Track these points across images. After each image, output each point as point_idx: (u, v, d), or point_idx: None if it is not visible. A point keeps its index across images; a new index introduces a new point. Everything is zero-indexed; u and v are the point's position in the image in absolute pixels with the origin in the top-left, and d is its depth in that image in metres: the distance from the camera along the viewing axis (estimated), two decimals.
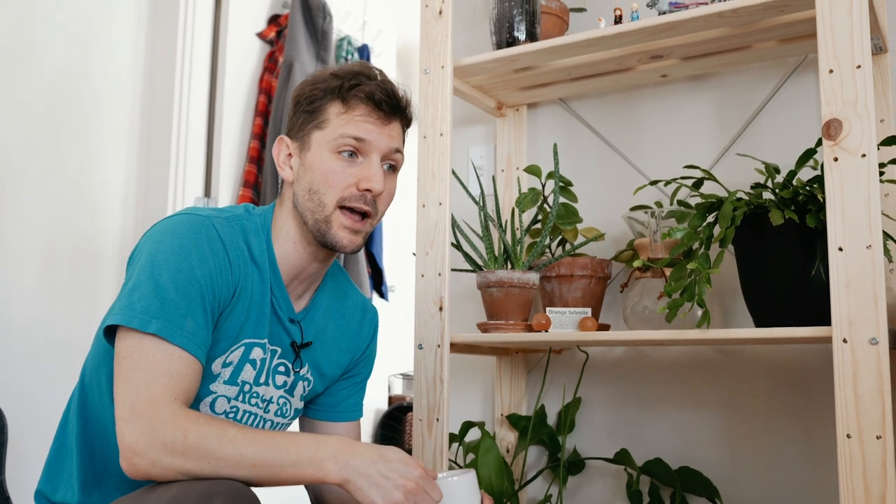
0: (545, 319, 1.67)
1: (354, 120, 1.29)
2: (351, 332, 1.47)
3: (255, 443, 1.10)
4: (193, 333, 1.15)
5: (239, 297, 1.25)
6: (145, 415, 1.09)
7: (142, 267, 1.18)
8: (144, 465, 1.08)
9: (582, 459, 1.89)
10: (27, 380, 2.30)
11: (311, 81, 1.34)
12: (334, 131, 1.28)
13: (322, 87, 1.31)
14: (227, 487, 1.05)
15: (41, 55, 2.42)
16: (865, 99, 1.31)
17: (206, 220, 1.24)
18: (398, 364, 3.87)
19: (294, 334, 1.35)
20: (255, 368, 1.29)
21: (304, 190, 1.30)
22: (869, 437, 1.25)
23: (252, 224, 1.31)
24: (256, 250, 1.29)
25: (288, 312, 1.33)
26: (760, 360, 1.77)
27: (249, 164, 2.95)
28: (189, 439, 1.07)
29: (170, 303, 1.14)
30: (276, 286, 1.31)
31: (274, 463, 1.09)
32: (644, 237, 1.70)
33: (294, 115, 1.34)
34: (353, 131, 1.28)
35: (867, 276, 1.28)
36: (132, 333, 1.14)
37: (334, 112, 1.29)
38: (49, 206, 2.43)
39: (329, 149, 1.28)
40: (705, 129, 1.87)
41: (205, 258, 1.20)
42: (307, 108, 1.31)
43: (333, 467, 1.09)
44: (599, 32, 1.64)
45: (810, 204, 1.41)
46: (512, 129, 2.07)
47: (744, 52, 1.74)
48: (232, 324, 1.25)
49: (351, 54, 3.32)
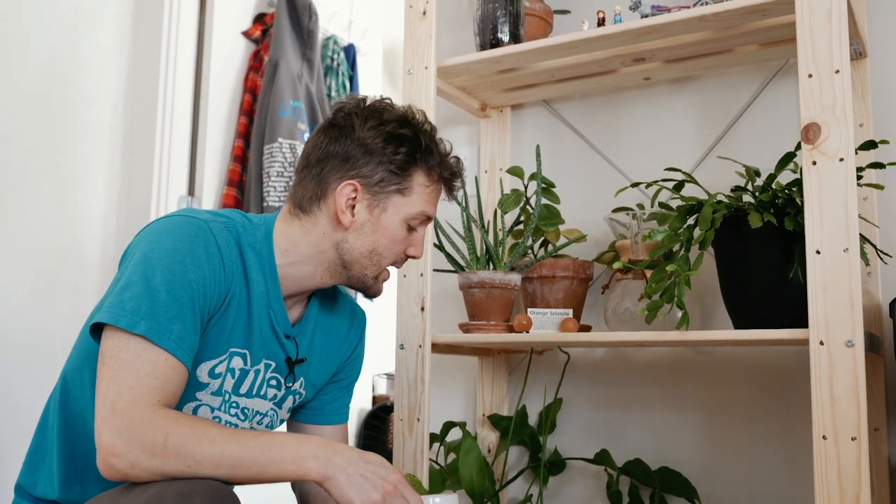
0: (527, 320, 1.68)
1: (431, 196, 1.32)
2: (339, 339, 1.47)
3: (236, 443, 1.09)
4: (181, 338, 1.14)
5: (229, 304, 1.24)
6: (125, 416, 1.08)
7: (135, 266, 1.16)
8: (123, 466, 1.07)
9: (563, 460, 1.90)
10: (8, 377, 2.29)
11: (394, 133, 1.29)
12: (415, 206, 1.30)
13: (409, 151, 1.29)
14: (205, 487, 1.05)
15: (24, 54, 2.41)
16: (844, 103, 1.33)
17: (203, 223, 1.22)
18: (382, 364, 3.87)
19: (289, 350, 1.35)
20: (234, 378, 1.29)
21: (365, 247, 1.30)
22: (844, 439, 1.26)
23: (250, 234, 1.29)
24: (253, 262, 1.28)
25: (285, 328, 1.32)
26: (739, 361, 1.78)
27: (234, 163, 2.94)
28: (170, 441, 1.07)
29: (160, 305, 1.13)
30: (276, 301, 1.30)
31: (255, 462, 1.09)
32: (626, 239, 1.71)
33: (374, 163, 1.28)
34: (430, 210, 1.33)
35: (844, 279, 1.29)
36: (119, 333, 1.12)
37: (419, 182, 1.30)
38: (31, 205, 2.41)
39: (404, 217, 1.30)
40: (687, 132, 1.88)
41: (199, 262, 1.18)
42: (393, 168, 1.28)
43: (314, 465, 1.10)
44: (583, 35, 1.65)
45: (789, 207, 1.42)
46: (495, 130, 2.07)
47: (726, 56, 1.75)
48: (220, 330, 1.24)
49: (337, 53, 3.32)
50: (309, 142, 1.35)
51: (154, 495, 1.03)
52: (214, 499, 1.04)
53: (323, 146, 1.31)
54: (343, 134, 1.30)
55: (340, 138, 1.30)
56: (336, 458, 1.11)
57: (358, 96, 1.36)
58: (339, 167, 1.29)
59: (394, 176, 1.28)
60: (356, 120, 1.30)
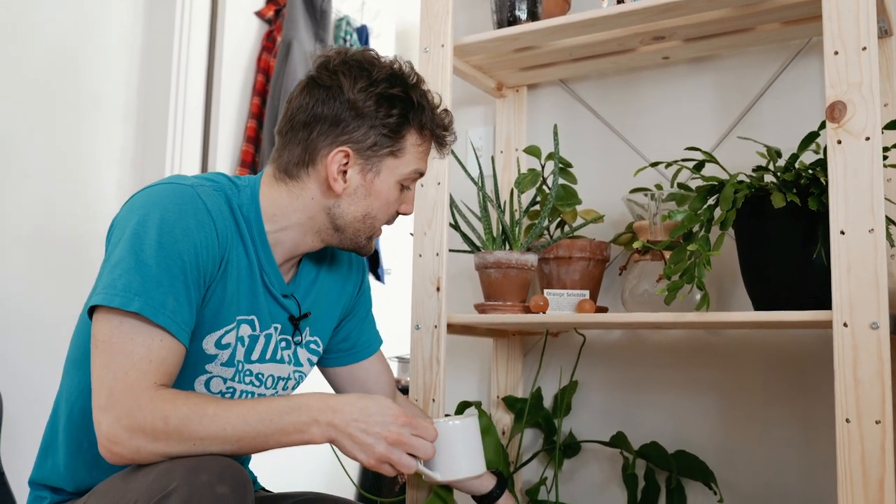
0: (543, 301, 1.66)
1: (424, 153, 1.30)
2: (340, 282, 1.45)
3: (236, 416, 1.09)
4: (175, 312, 1.11)
5: (226, 270, 1.20)
6: (122, 403, 1.06)
7: (123, 243, 1.13)
8: (126, 453, 1.07)
9: (578, 442, 1.89)
10: (22, 362, 2.29)
11: (385, 94, 1.24)
12: (408, 165, 1.28)
13: (400, 111, 1.24)
14: (214, 462, 1.05)
15: (36, 35, 2.40)
16: (871, 81, 1.30)
17: (190, 189, 1.18)
18: (394, 347, 3.86)
19: (291, 308, 1.33)
20: (244, 346, 1.27)
21: (359, 212, 1.27)
22: (868, 422, 1.24)
23: (238, 197, 1.25)
24: (243, 225, 1.24)
25: (281, 289, 1.30)
26: (758, 344, 1.76)
27: (247, 143, 2.93)
28: (170, 424, 1.06)
29: (152, 280, 1.10)
30: (268, 264, 1.27)
31: (258, 434, 1.09)
32: (643, 220, 1.69)
33: (366, 127, 1.23)
34: (422, 167, 1.30)
35: (869, 260, 1.27)
36: (111, 314, 1.10)
37: (412, 142, 1.27)
38: (43, 187, 2.41)
39: (398, 178, 1.28)
40: (707, 112, 1.86)
41: (189, 231, 1.14)
42: (386, 132, 1.24)
43: (317, 430, 1.10)
44: (602, 12, 1.62)
45: (812, 187, 1.40)
46: (512, 109, 2.05)
47: (746, 35, 1.72)
48: (221, 299, 1.21)
49: (350, 34, 3.30)
50: (293, 101, 1.28)
51: (163, 472, 1.03)
52: (224, 474, 1.03)
53: (309, 108, 1.24)
54: (331, 95, 1.23)
55: (328, 100, 1.23)
56: (336, 418, 1.11)
57: (340, 47, 1.32)
58: (329, 132, 1.23)
59: (387, 139, 1.24)
60: (344, 80, 1.23)
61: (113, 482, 1.12)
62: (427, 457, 1.16)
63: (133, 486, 1.05)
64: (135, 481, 1.06)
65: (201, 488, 1.00)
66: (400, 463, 1.13)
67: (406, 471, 1.13)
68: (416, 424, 1.14)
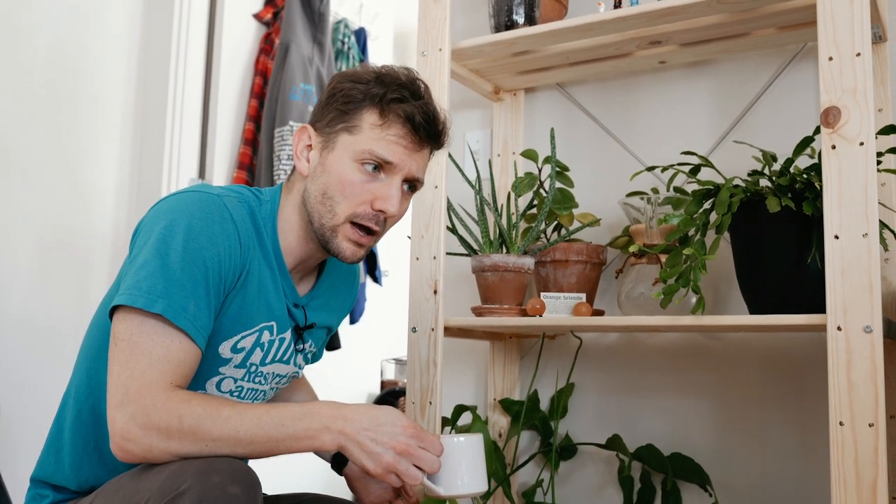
0: (540, 304, 1.67)
1: (387, 139, 1.23)
2: (342, 301, 1.49)
3: (250, 420, 1.10)
4: (196, 317, 1.13)
5: (246, 280, 1.23)
6: (138, 400, 1.08)
7: (150, 245, 1.15)
8: (139, 450, 1.08)
9: (574, 445, 1.90)
10: (21, 367, 2.29)
11: (351, 77, 1.27)
12: (364, 143, 1.23)
13: (362, 90, 1.24)
14: (225, 464, 1.05)
15: (34, 39, 2.40)
16: (865, 87, 1.31)
17: (217, 198, 1.21)
18: (391, 349, 3.87)
19: (298, 318, 1.35)
20: (262, 351, 1.29)
21: (317, 191, 1.25)
22: (861, 425, 1.25)
23: (261, 209, 1.29)
24: (265, 236, 1.27)
25: (293, 298, 1.33)
26: (753, 347, 1.77)
27: (244, 146, 2.93)
28: (185, 423, 1.07)
29: (175, 283, 1.12)
30: (281, 273, 1.30)
31: (270, 438, 1.10)
32: (640, 223, 1.70)
33: (326, 106, 1.27)
34: (383, 152, 1.23)
35: (863, 265, 1.28)
36: (133, 314, 1.12)
37: (369, 121, 1.24)
38: (43, 189, 2.41)
39: (354, 157, 1.24)
40: (703, 116, 1.87)
41: (214, 239, 1.17)
42: (342, 106, 1.25)
43: (328, 437, 1.11)
44: (599, 17, 1.63)
45: (807, 191, 1.41)
46: (509, 113, 2.06)
47: (742, 40, 1.73)
48: (241, 306, 1.23)
49: (348, 37, 3.31)
50: None
51: (174, 473, 1.04)
52: (234, 476, 1.04)
53: None
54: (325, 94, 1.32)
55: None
56: (347, 426, 1.11)
57: None
58: None
59: (342, 114, 1.25)
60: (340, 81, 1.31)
61: (122, 481, 1.13)
62: (433, 470, 1.15)
63: (144, 486, 1.06)
64: (146, 480, 1.07)
65: (213, 488, 1.01)
66: (406, 473, 1.12)
67: (411, 481, 1.13)
68: (423, 437, 1.15)
